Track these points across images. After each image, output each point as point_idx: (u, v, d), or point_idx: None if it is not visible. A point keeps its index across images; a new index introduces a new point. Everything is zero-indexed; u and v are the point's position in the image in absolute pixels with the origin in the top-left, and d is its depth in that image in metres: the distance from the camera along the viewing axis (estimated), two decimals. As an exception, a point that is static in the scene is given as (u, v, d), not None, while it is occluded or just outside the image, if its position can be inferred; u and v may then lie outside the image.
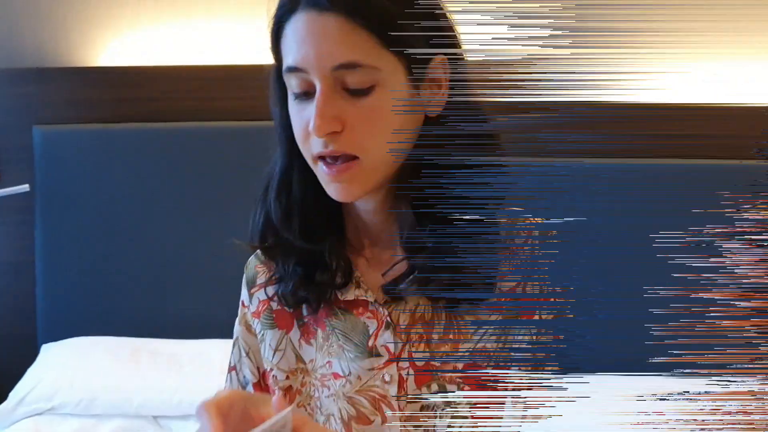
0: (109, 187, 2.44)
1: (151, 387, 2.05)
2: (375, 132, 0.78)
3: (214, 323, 2.39)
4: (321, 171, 0.81)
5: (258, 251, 0.96)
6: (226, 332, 2.49)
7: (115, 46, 2.60)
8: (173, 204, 2.45)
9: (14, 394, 2.06)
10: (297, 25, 0.78)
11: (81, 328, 2.34)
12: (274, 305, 0.93)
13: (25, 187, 2.40)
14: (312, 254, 0.88)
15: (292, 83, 0.80)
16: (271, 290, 0.93)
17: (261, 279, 0.96)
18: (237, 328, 0.99)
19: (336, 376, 0.88)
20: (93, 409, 2.01)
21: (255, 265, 0.98)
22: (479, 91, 0.86)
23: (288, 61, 0.79)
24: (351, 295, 0.88)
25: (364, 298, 0.88)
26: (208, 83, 2.51)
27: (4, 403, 2.04)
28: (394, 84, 0.78)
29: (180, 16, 2.62)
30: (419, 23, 0.79)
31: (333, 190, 0.81)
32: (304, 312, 0.91)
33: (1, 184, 2.45)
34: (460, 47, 0.84)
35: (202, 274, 2.44)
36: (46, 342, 2.34)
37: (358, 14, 0.75)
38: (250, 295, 0.97)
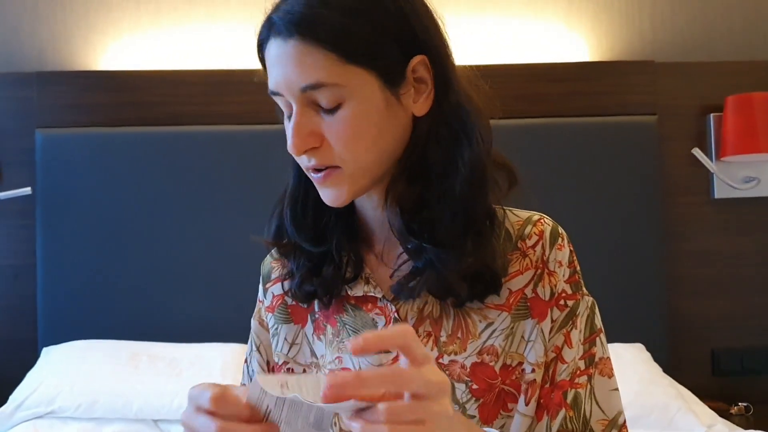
0: (110, 191, 2.45)
1: (151, 391, 2.05)
2: (350, 142, 0.81)
3: (213, 327, 2.40)
4: (312, 178, 0.85)
5: (273, 249, 1.00)
6: (225, 336, 2.52)
7: (116, 50, 2.61)
8: (173, 208, 2.46)
9: (14, 398, 2.06)
10: (270, 53, 0.82)
11: (81, 331, 2.34)
12: (289, 300, 0.96)
13: (26, 190, 2.40)
14: (320, 250, 0.91)
15: (280, 104, 0.85)
16: (286, 285, 0.96)
17: (275, 274, 0.99)
18: (252, 323, 1.02)
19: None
20: (93, 413, 2.01)
21: (270, 262, 1.01)
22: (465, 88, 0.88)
23: (270, 85, 0.84)
24: (360, 291, 0.90)
25: (373, 295, 0.89)
26: (208, 87, 2.52)
27: (4, 407, 2.04)
28: (365, 95, 0.80)
29: (180, 21, 2.62)
30: (387, 31, 0.81)
31: (323, 195, 0.85)
32: (317, 308, 0.94)
33: (3, 187, 2.46)
34: (441, 46, 0.85)
35: (202, 278, 2.45)
36: (46, 345, 2.34)
37: (313, 37, 0.78)
38: (265, 290, 1.00)
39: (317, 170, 0.83)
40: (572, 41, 2.70)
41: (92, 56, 2.60)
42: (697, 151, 2.53)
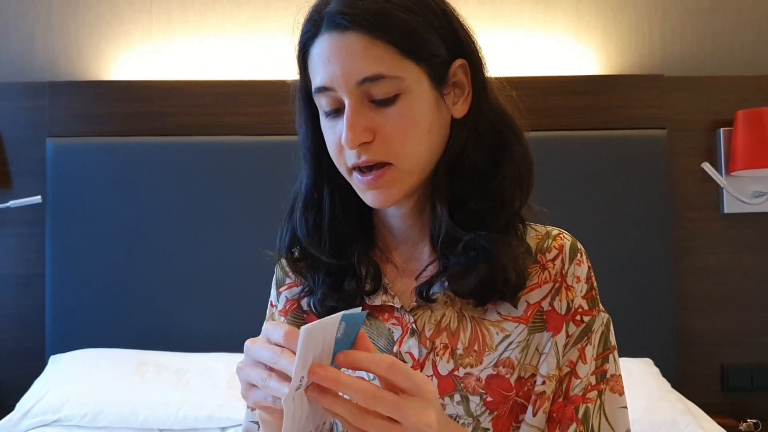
0: (120, 200, 2.46)
1: (157, 400, 2.04)
2: (405, 137, 0.81)
3: (220, 337, 2.40)
4: (356, 180, 0.84)
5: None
6: (232, 346, 2.52)
7: (127, 60, 2.62)
8: (182, 218, 2.47)
9: (21, 405, 2.06)
10: (322, 47, 0.81)
11: (88, 340, 2.35)
12: (304, 305, 0.95)
13: (36, 199, 2.42)
14: (340, 264, 0.90)
15: (322, 102, 0.84)
16: (305, 302, 0.95)
17: (289, 279, 0.98)
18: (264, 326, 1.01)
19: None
20: (99, 422, 2.00)
21: (284, 265, 1.00)
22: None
23: (316, 81, 0.83)
24: (378, 300, 0.90)
25: (391, 304, 0.89)
26: (218, 98, 2.53)
27: (11, 414, 2.04)
28: (419, 91, 0.82)
29: (191, 32, 2.64)
30: (438, 32, 0.83)
31: (370, 197, 0.84)
32: None
33: (14, 195, 2.47)
34: (478, 51, 0.88)
35: (210, 287, 2.45)
36: (54, 353, 2.34)
37: (378, 29, 0.79)
38: (279, 294, 0.99)
39: (366, 170, 0.82)
40: (582, 55, 2.70)
41: (104, 66, 2.62)
42: (706, 166, 2.52)
